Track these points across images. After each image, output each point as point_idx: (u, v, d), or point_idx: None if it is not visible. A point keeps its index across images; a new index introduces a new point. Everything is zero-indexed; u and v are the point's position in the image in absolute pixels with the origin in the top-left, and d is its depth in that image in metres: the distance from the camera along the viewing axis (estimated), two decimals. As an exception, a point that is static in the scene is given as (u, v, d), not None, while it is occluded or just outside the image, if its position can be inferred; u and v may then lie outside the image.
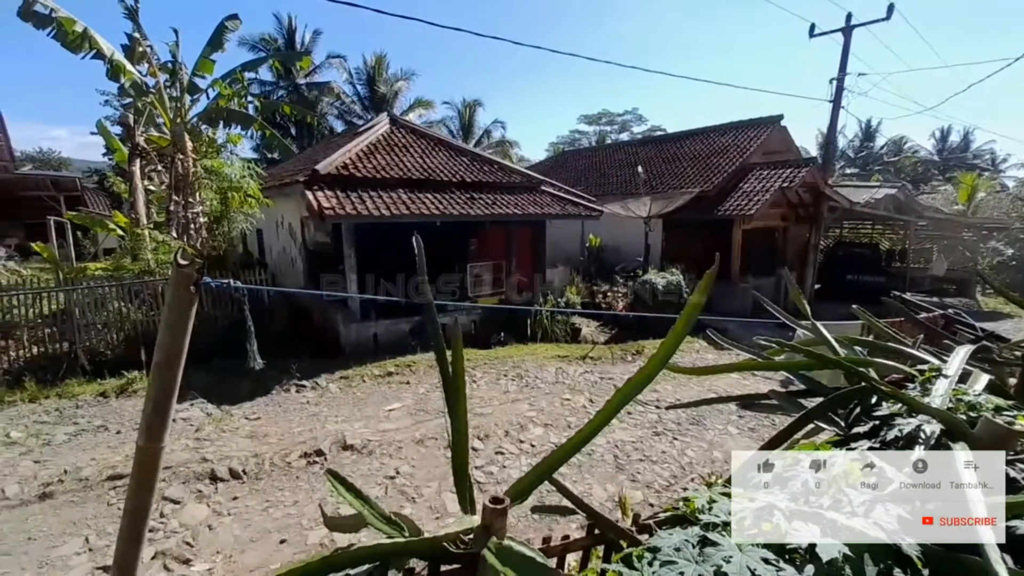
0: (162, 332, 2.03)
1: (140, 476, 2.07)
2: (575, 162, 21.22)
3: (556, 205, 10.62)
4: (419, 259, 2.21)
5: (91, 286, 7.46)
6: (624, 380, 4.72)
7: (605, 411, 1.61)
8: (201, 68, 10.54)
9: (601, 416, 1.61)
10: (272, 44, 25.26)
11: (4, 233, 17.65)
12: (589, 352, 8.63)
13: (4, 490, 4.32)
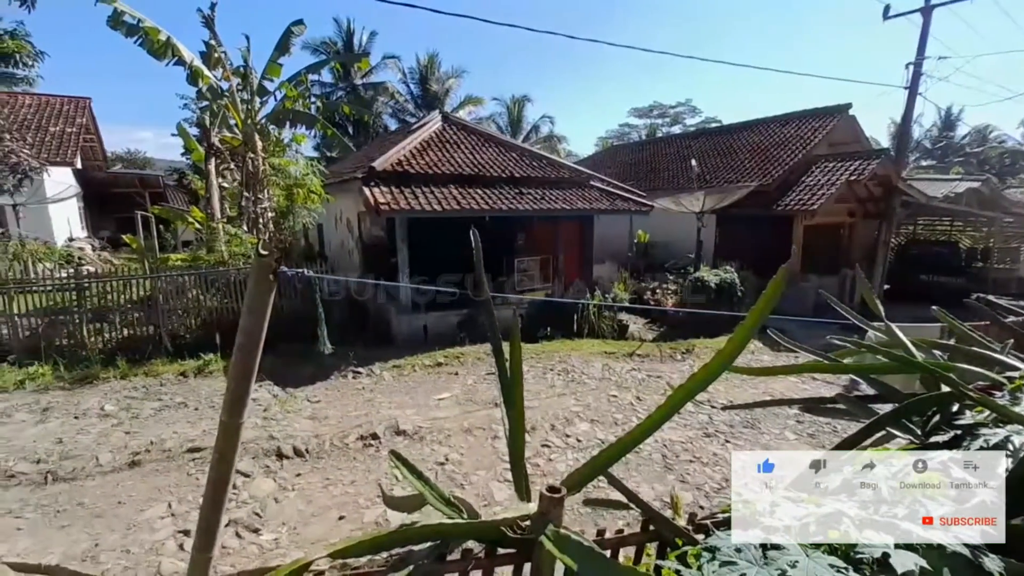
0: (244, 316, 2.21)
1: (222, 448, 2.27)
2: (624, 156, 20.77)
3: (605, 200, 10.47)
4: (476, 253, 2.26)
5: (172, 275, 8.18)
6: (674, 379, 4.71)
7: (665, 407, 1.60)
8: (270, 72, 11.20)
9: (661, 412, 1.60)
10: (332, 47, 26.37)
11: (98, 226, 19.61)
12: (636, 349, 8.48)
13: (98, 458, 4.83)
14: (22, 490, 4.30)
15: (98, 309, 7.77)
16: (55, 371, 6.77)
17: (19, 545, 3.61)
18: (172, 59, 10.46)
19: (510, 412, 1.95)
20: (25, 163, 9.78)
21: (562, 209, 9.51)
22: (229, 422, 2.22)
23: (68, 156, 15.03)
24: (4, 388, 6.35)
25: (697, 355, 8.38)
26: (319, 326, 2.48)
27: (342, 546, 1.43)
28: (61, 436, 5.17)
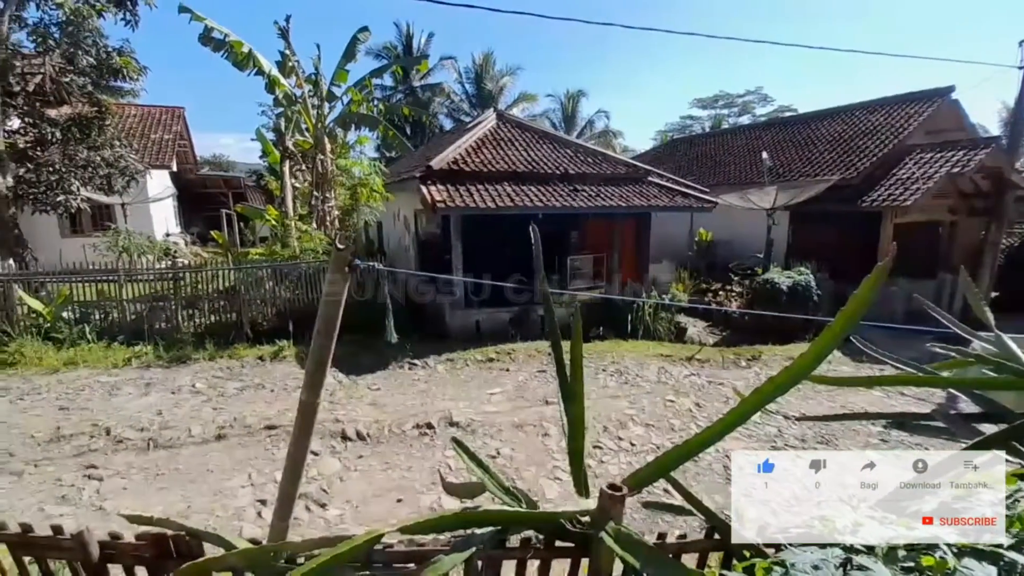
0: (322, 304, 2.38)
1: (301, 425, 2.46)
2: (686, 150, 19.93)
3: (663, 197, 10.13)
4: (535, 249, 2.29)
5: (251, 268, 8.90)
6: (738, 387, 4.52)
7: (738, 411, 1.54)
8: (338, 78, 11.85)
9: (733, 416, 1.54)
10: (392, 51, 27.38)
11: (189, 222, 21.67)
12: (696, 354, 8.15)
13: (191, 429, 5.36)
14: (128, 454, 4.86)
15: (190, 297, 8.62)
16: (156, 351, 7.59)
17: (124, 503, 4.08)
18: (253, 69, 11.33)
19: (569, 407, 1.96)
20: (132, 167, 10.99)
21: (617, 206, 9.31)
22: (307, 401, 2.40)
23: (166, 160, 16.74)
24: (115, 364, 7.21)
25: (765, 363, 7.92)
26: (386, 317, 2.61)
27: (411, 523, 1.51)
28: (160, 408, 5.80)
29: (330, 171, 10.93)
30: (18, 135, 9.82)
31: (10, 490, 4.18)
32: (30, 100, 9.74)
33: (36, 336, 7.62)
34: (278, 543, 1.61)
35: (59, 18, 9.14)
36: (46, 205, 9.69)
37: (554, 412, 5.84)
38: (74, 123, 10.05)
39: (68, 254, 10.50)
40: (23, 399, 5.99)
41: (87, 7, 9.01)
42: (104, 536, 1.79)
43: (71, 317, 8.01)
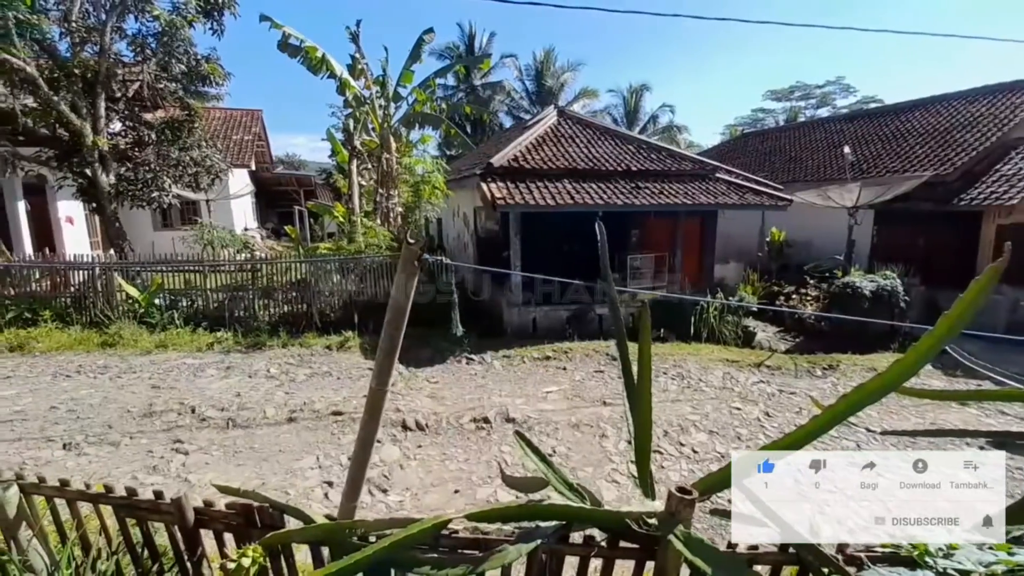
0: (392, 296, 2.45)
1: (370, 411, 2.55)
2: (757, 145, 18.78)
3: (732, 194, 9.59)
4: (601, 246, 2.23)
5: (320, 261, 9.43)
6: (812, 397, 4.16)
7: (822, 419, 1.42)
8: (404, 79, 12.26)
9: (815, 424, 1.42)
10: (455, 51, 27.99)
11: (265, 218, 23.38)
12: (765, 360, 7.66)
13: (265, 411, 5.75)
14: (210, 432, 5.30)
15: (266, 288, 9.27)
16: (235, 337, 8.24)
17: (206, 477, 4.44)
18: (326, 73, 11.98)
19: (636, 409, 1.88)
20: (217, 166, 12.00)
21: (682, 204, 8.94)
22: (377, 389, 2.48)
23: (245, 159, 18.16)
24: (199, 348, 7.90)
25: (843, 372, 7.30)
26: (452, 310, 2.65)
27: (477, 511, 1.52)
28: (239, 391, 6.28)
29: (394, 169, 11.35)
30: (119, 137, 10.96)
31: (108, 459, 4.66)
32: (130, 105, 10.85)
33: (132, 320, 8.51)
34: (353, 521, 1.67)
35: (155, 29, 10.08)
36: (142, 201, 10.75)
37: (612, 413, 5.70)
38: (167, 126, 11.09)
39: (160, 246, 11.65)
40: (121, 377, 6.70)
41: (179, 18, 9.89)
42: (198, 503, 1.95)
43: (162, 304, 8.87)
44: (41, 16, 8.84)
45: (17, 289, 8.58)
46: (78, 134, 9.39)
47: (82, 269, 8.93)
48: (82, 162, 9.61)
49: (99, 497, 2.03)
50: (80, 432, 5.08)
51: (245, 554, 1.59)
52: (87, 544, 2.16)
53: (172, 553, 2.06)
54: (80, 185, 10.04)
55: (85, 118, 9.51)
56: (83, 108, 9.56)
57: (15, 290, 8.54)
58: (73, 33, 9.46)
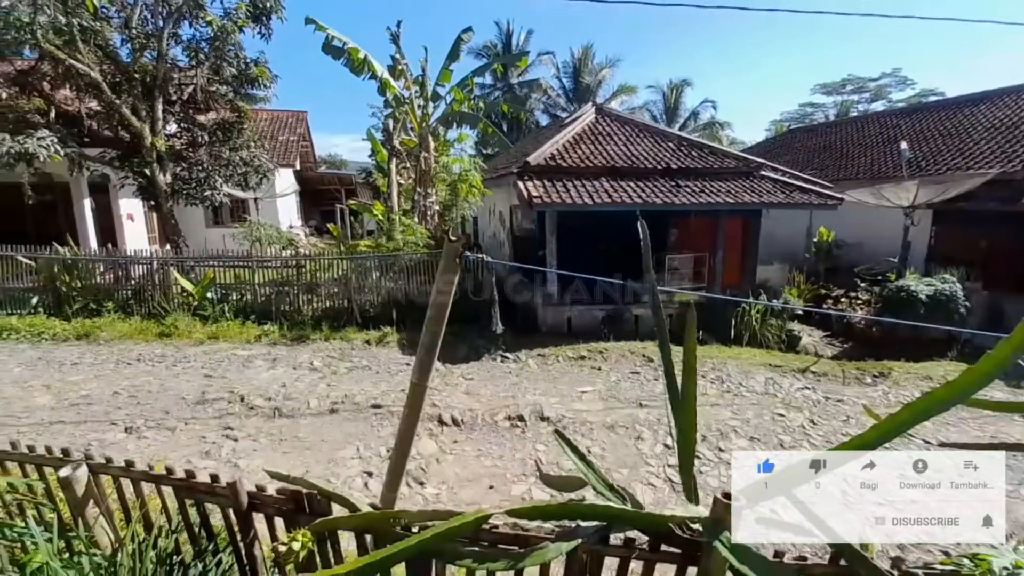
0: (434, 293, 2.49)
1: (411, 405, 2.60)
2: (806, 141, 17.94)
3: (778, 192, 9.20)
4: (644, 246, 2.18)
5: (360, 258, 9.69)
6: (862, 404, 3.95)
7: (882, 428, 1.36)
8: (442, 78, 12.41)
9: (874, 433, 1.36)
10: (492, 49, 28.12)
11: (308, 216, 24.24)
12: (811, 366, 7.32)
13: (309, 402, 5.97)
14: (258, 420, 5.55)
15: (310, 284, 9.62)
16: (281, 330, 8.60)
17: (254, 463, 4.65)
18: (367, 74, 12.26)
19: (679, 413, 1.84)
20: (264, 166, 12.54)
21: (724, 203, 8.65)
22: (418, 384, 2.52)
23: (291, 159, 18.89)
24: (248, 340, 8.29)
25: (895, 381, 6.88)
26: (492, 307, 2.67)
27: (517, 507, 1.52)
28: (284, 381, 6.55)
29: (432, 168, 11.52)
30: (175, 138, 11.60)
31: (165, 443, 4.95)
32: (184, 107, 11.46)
33: (187, 312, 9.00)
34: (397, 511, 1.71)
35: (207, 34, 10.61)
36: (196, 199, 11.35)
37: (648, 416, 5.60)
38: (218, 127, 11.66)
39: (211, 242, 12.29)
40: (176, 365, 7.10)
41: (230, 23, 10.38)
42: (251, 488, 2.04)
43: (214, 297, 9.34)
44: (104, 23, 9.47)
45: (84, 281, 9.24)
46: (138, 135, 10.03)
47: (141, 263, 9.55)
48: (142, 162, 10.25)
49: (160, 478, 2.17)
50: (140, 416, 5.43)
51: (295, 538, 1.66)
52: (149, 523, 2.31)
53: (226, 534, 2.17)
54: (140, 184, 10.72)
55: (144, 120, 10.14)
56: (143, 111, 10.19)
57: (82, 282, 9.21)
58: (133, 39, 10.08)
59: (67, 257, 9.16)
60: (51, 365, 6.90)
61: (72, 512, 2.24)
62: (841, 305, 9.81)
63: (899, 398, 6.37)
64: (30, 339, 7.91)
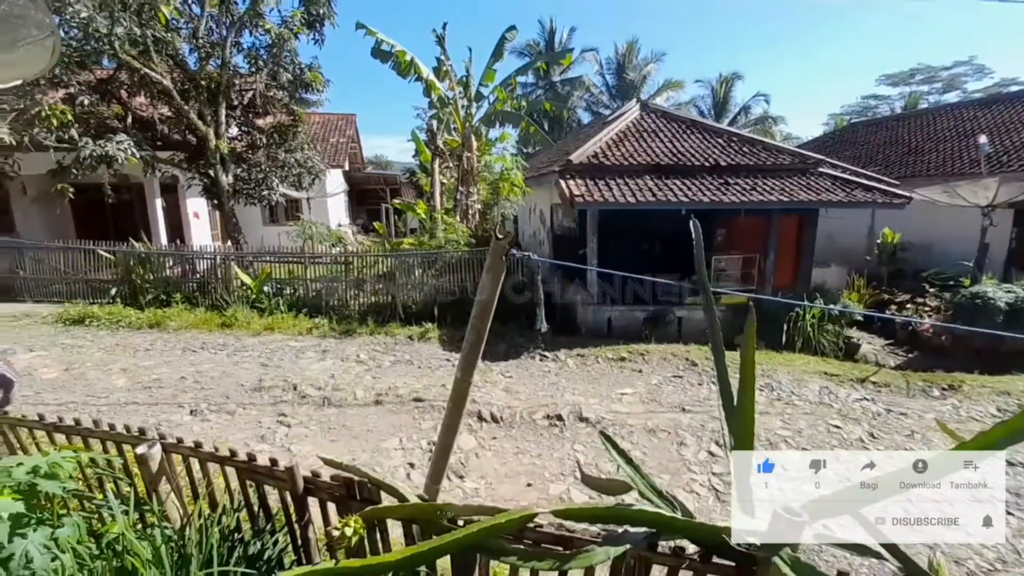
0: (479, 290, 2.52)
1: (455, 400, 2.66)
2: (869, 135, 16.80)
3: (838, 190, 8.67)
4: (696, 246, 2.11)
5: (403, 255, 9.95)
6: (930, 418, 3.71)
7: (972, 445, 1.26)
8: (486, 78, 12.52)
9: (973, 445, 1.26)
10: (535, 48, 28.07)
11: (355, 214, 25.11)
12: (871, 375, 6.86)
13: (356, 393, 6.18)
14: (309, 408, 5.81)
15: (356, 280, 9.98)
16: (330, 323, 8.96)
17: (305, 448, 4.88)
18: (413, 76, 12.55)
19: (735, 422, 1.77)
20: (317, 167, 13.10)
21: (778, 201, 8.24)
22: (462, 379, 2.57)
23: (340, 160, 19.62)
24: (300, 332, 8.69)
25: (966, 395, 6.33)
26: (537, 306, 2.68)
27: (564, 508, 1.52)
28: (333, 373, 6.82)
29: (475, 167, 11.65)
30: (236, 141, 12.31)
31: (225, 426, 5.28)
32: (244, 112, 12.13)
33: (245, 304, 9.55)
34: (444, 503, 1.75)
35: (266, 42, 11.19)
36: (254, 198, 12.01)
37: (691, 421, 5.44)
38: (275, 130, 12.27)
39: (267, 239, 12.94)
40: (236, 354, 7.54)
41: (287, 31, 10.90)
42: (307, 473, 2.15)
43: (270, 291, 9.86)
44: (174, 33, 10.18)
45: (155, 274, 10.01)
46: (204, 139, 10.71)
47: (206, 258, 10.22)
48: (206, 164, 10.95)
49: (225, 459, 2.31)
50: (203, 400, 5.82)
51: (347, 524, 1.73)
52: (213, 501, 2.47)
53: (283, 516, 2.29)
54: (205, 184, 11.45)
55: (209, 124, 10.82)
56: (207, 115, 10.88)
57: (154, 275, 9.97)
58: (200, 48, 10.77)
59: (141, 252, 9.95)
60: (127, 350, 7.52)
61: (146, 487, 2.43)
62: (906, 312, 9.13)
63: (971, 413, 5.86)
64: (109, 326, 8.65)
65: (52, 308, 9.38)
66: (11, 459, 1.90)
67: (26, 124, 8.67)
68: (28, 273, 10.18)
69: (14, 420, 2.69)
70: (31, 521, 1.76)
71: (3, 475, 1.76)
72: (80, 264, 10.11)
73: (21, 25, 3.07)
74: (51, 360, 7.00)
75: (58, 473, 1.85)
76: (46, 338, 7.98)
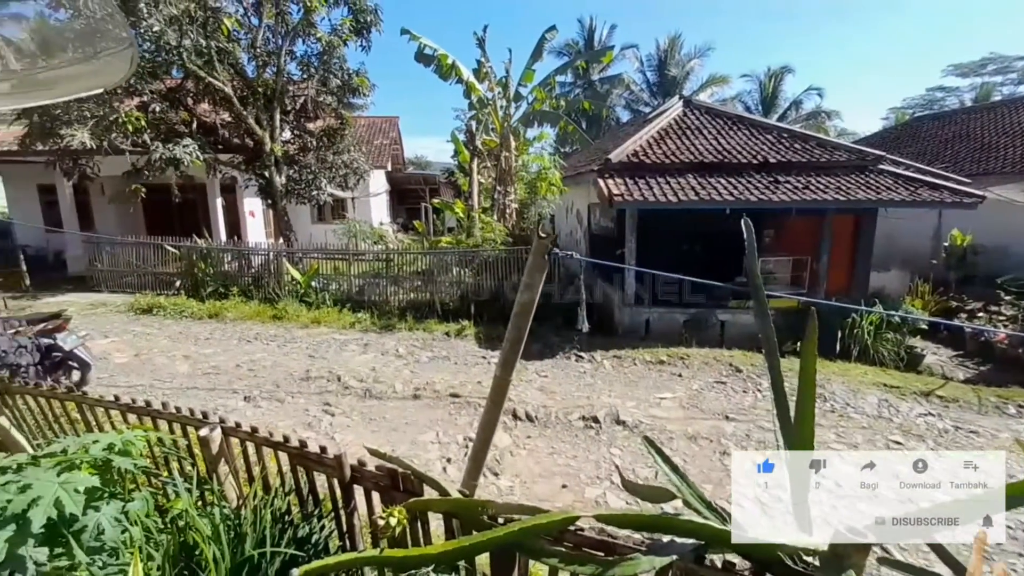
0: (521, 289, 2.52)
1: (494, 398, 2.68)
2: (935, 130, 15.62)
3: (900, 188, 8.10)
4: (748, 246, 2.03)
5: (442, 253, 10.11)
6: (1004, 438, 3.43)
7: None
8: (525, 78, 12.54)
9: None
10: (574, 47, 27.82)
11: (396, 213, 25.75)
12: (937, 389, 6.38)
13: (395, 386, 6.35)
14: (351, 399, 6.01)
15: (396, 276, 10.24)
16: (371, 318, 9.25)
17: (348, 437, 5.05)
18: (455, 79, 12.73)
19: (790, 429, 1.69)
20: (362, 168, 13.53)
21: (833, 200, 7.78)
22: (501, 377, 2.59)
23: (383, 161, 20.17)
24: (344, 326, 9.01)
25: (1046, 412, 5.79)
26: (580, 306, 2.65)
27: (608, 513, 1.50)
28: (374, 366, 7.04)
29: (513, 167, 11.69)
30: (288, 144, 12.90)
31: (275, 412, 5.55)
32: (296, 116, 12.70)
33: (295, 298, 10.01)
34: (485, 500, 1.77)
35: (317, 50, 11.67)
36: (304, 198, 12.55)
37: (735, 430, 5.24)
38: (324, 133, 12.78)
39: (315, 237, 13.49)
40: (286, 345, 7.91)
41: (336, 39, 11.31)
42: (354, 462, 2.22)
43: (317, 286, 10.28)
44: (234, 44, 10.78)
45: (215, 268, 10.65)
46: (260, 142, 11.29)
47: (260, 254, 10.79)
48: (262, 165, 11.53)
49: (278, 445, 2.43)
50: (256, 388, 6.14)
51: (392, 514, 1.78)
52: (267, 484, 2.60)
53: (329, 502, 2.39)
54: (260, 185, 12.07)
55: (265, 128, 11.38)
56: (264, 120, 11.46)
57: (213, 269, 10.61)
58: (257, 57, 11.37)
59: (203, 247, 10.63)
60: (189, 339, 8.04)
61: (206, 468, 2.58)
62: (978, 321, 8.42)
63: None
64: (174, 316, 9.28)
65: (125, 298, 10.18)
66: (89, 436, 2.07)
67: (105, 129, 9.44)
68: (104, 265, 11.08)
69: (93, 399, 2.93)
70: (104, 495, 1.91)
71: (82, 451, 1.91)
72: (149, 258, 10.92)
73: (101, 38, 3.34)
74: (123, 346, 7.59)
75: (131, 451, 2.00)
76: (119, 325, 8.65)
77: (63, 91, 3.09)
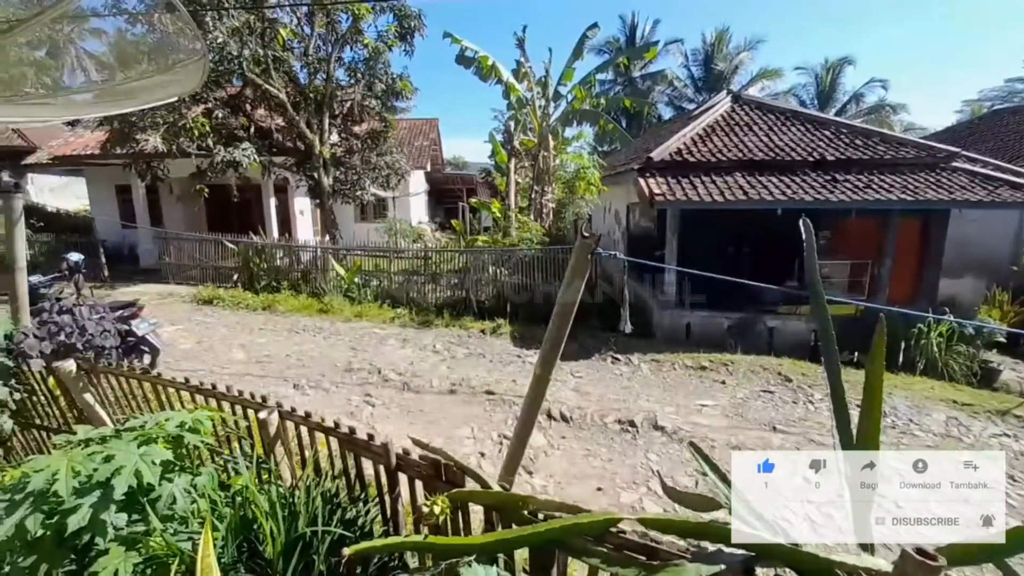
0: (563, 289, 2.51)
1: (532, 396, 2.68)
2: (1017, 125, 14.30)
3: (977, 188, 7.49)
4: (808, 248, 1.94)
5: (478, 252, 10.21)
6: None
7: None
8: (565, 77, 12.47)
9: None
10: (615, 44, 27.38)
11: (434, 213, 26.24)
12: (1015, 407, 5.85)
13: (432, 381, 6.47)
14: (390, 391, 6.18)
15: (434, 274, 10.44)
16: (410, 314, 9.47)
17: (387, 428, 5.18)
18: (495, 80, 12.82)
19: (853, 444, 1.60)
20: (403, 169, 13.89)
21: (899, 200, 7.29)
22: (541, 375, 2.58)
23: (422, 162, 20.62)
24: (384, 321, 9.27)
25: None
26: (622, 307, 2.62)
27: (652, 517, 1.47)
28: (412, 360, 7.20)
29: (551, 166, 11.65)
30: (336, 147, 13.40)
31: (321, 401, 5.79)
32: (343, 120, 13.18)
33: (339, 293, 10.41)
34: (526, 495, 1.78)
35: (363, 55, 12.06)
36: (349, 198, 13.03)
37: (783, 443, 5.01)
38: (369, 136, 13.20)
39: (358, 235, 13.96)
40: (330, 337, 8.23)
41: (382, 44, 11.65)
42: (399, 450, 2.29)
43: (360, 282, 10.64)
44: (289, 52, 11.32)
45: (268, 263, 11.25)
46: (310, 145, 11.79)
47: (308, 251, 11.30)
48: (312, 167, 12.05)
49: (330, 430, 2.54)
50: (304, 377, 6.43)
51: (436, 503, 1.82)
52: (318, 467, 2.72)
53: (375, 487, 2.47)
54: (310, 185, 12.62)
55: (315, 132, 11.88)
56: (314, 124, 11.96)
57: (267, 264, 11.22)
58: (309, 65, 11.88)
59: (258, 244, 11.25)
60: (244, 329, 8.52)
61: (264, 448, 2.74)
62: (1064, 334, 7.64)
63: None
64: (231, 307, 9.87)
65: (189, 289, 10.94)
66: (163, 414, 2.24)
67: (174, 134, 10.16)
68: (172, 259, 11.94)
69: (167, 380, 3.18)
70: (176, 468, 2.06)
71: (158, 428, 2.07)
72: (210, 253, 11.67)
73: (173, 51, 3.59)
74: (187, 333, 8.15)
75: (200, 428, 2.15)
76: (184, 314, 9.29)
77: (142, 100, 3.34)
